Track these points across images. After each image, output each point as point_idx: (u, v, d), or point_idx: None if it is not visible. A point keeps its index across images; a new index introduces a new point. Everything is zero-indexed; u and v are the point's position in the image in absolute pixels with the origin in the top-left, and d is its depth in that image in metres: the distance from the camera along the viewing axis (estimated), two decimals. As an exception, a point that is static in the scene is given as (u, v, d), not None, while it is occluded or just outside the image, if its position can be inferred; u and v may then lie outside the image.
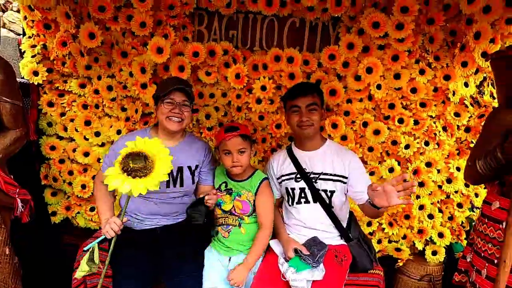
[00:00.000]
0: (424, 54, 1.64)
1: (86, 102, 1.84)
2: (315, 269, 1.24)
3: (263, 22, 1.77)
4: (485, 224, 1.13)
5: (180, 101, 1.32)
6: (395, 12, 1.48)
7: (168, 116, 1.31)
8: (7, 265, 1.14)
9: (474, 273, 1.15)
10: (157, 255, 1.35)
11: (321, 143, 1.41)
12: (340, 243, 1.40)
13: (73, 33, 1.71)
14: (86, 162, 1.86)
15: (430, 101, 1.68)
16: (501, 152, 0.99)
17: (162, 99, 1.32)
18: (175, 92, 1.31)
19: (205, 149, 1.47)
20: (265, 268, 1.34)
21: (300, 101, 1.31)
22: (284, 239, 1.39)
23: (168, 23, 1.70)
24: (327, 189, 1.37)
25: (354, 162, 1.36)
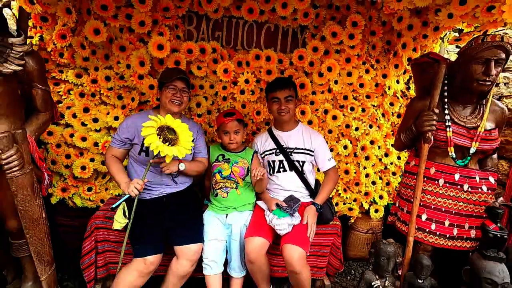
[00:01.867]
0: (368, 57, 2.15)
1: (83, 91, 2.01)
2: (293, 217, 1.66)
3: (244, 25, 2.12)
4: (406, 177, 1.66)
5: (181, 87, 1.63)
6: (348, 25, 1.95)
7: (171, 99, 1.62)
8: (44, 226, 1.34)
9: (400, 212, 1.67)
10: (166, 221, 1.64)
11: (295, 125, 1.83)
12: (310, 200, 1.85)
13: (71, 27, 1.88)
14: (84, 146, 2.04)
15: (373, 93, 2.21)
16: (414, 127, 1.50)
17: (167, 85, 1.61)
18: (178, 80, 1.62)
19: (197, 127, 1.81)
20: (254, 220, 1.72)
21: (280, 93, 1.71)
22: (268, 199, 1.79)
23: (164, 23, 1.96)
24: (300, 160, 1.80)
25: (318, 140, 1.81)
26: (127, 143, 1.65)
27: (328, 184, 1.81)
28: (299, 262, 1.52)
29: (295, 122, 1.87)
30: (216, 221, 1.72)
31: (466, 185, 1.46)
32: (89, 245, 1.74)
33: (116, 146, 1.65)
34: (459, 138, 1.44)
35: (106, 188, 2.16)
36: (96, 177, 2.15)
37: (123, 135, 1.63)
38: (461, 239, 1.48)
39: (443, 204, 1.49)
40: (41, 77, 1.33)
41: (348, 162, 2.31)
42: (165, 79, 1.63)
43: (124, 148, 1.67)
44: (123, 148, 1.66)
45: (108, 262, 1.79)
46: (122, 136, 1.64)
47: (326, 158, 1.80)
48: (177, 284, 1.59)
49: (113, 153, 1.66)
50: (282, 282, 1.99)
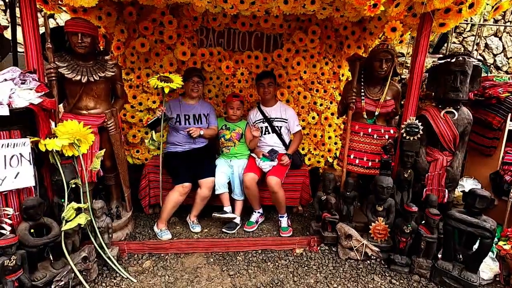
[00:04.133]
0: (327, 54, 3.05)
1: (131, 84, 2.97)
2: (273, 161, 2.63)
3: (239, 34, 3.03)
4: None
5: (197, 81, 2.62)
6: (309, 33, 2.86)
7: (191, 88, 2.61)
8: (126, 164, 2.34)
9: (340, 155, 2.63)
10: (193, 164, 2.63)
11: (275, 102, 2.79)
12: (284, 152, 2.81)
13: (123, 41, 2.82)
14: (133, 122, 3.01)
15: (332, 79, 3.13)
16: (344, 100, 2.43)
17: (188, 80, 2.59)
18: (195, 76, 2.59)
19: (210, 106, 2.81)
20: (249, 164, 2.70)
21: (264, 81, 2.66)
22: (257, 152, 2.77)
23: (184, 35, 2.88)
24: (278, 126, 2.76)
25: (290, 112, 2.77)
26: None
27: (296, 141, 2.77)
28: (276, 185, 2.50)
29: (276, 100, 2.82)
30: (223, 163, 2.71)
31: (375, 135, 2.40)
32: (145, 183, 2.75)
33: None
34: (369, 106, 2.37)
35: (148, 150, 3.15)
36: (141, 143, 3.14)
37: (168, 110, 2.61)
38: (373, 168, 2.44)
39: (363, 148, 2.44)
40: (120, 77, 2.28)
41: (316, 129, 3.25)
42: (187, 75, 2.59)
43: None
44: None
45: (157, 195, 2.80)
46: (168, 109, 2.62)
47: (295, 125, 2.76)
48: (201, 203, 2.59)
49: None
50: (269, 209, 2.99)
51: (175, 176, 2.56)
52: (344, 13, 2.18)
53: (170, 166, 2.62)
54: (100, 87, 2.13)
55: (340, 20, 2.65)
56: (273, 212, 2.93)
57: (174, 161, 2.61)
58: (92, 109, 2.14)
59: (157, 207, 2.87)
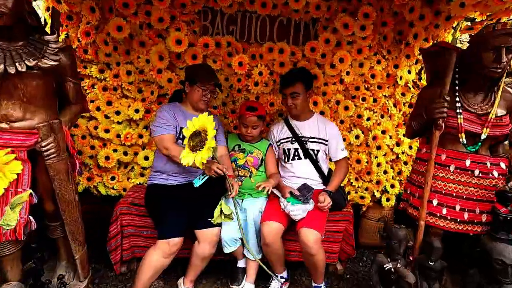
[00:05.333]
0: (380, 48, 2.18)
1: (106, 85, 2.13)
2: (307, 204, 1.73)
3: (257, 19, 2.19)
4: (417, 164, 1.70)
5: (211, 89, 1.77)
6: (360, 16, 1.99)
7: (201, 98, 1.75)
8: (77, 209, 1.46)
9: (411, 198, 1.72)
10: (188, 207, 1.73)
11: (310, 115, 1.90)
12: (322, 188, 1.91)
13: (95, 25, 1.99)
14: (107, 138, 2.16)
15: (384, 84, 2.24)
16: (425, 114, 1.54)
17: (199, 85, 1.73)
18: (209, 83, 1.74)
19: (217, 120, 1.92)
20: (270, 206, 1.81)
21: (286, 90, 1.80)
22: (282, 186, 1.87)
23: (181, 19, 2.04)
24: (314, 149, 1.87)
25: (333, 130, 1.87)
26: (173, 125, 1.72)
27: (340, 173, 1.87)
28: (315, 244, 1.60)
29: (310, 112, 1.93)
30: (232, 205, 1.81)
31: (477, 170, 1.50)
32: (115, 229, 1.87)
33: (167, 131, 1.69)
34: (470, 124, 1.47)
35: (128, 178, 2.28)
36: (118, 167, 2.28)
37: (169, 120, 1.72)
38: (472, 223, 1.53)
39: (454, 190, 1.53)
40: (73, 72, 1.44)
41: (359, 151, 2.36)
42: (198, 78, 1.73)
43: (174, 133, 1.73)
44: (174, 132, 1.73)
45: (133, 246, 1.91)
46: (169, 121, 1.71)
47: (339, 148, 1.86)
48: (200, 265, 1.70)
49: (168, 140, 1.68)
50: (296, 267, 2.08)
51: (160, 223, 1.68)
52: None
53: (154, 206, 1.75)
54: (32, 85, 1.29)
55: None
56: (301, 270, 2.02)
57: (160, 199, 1.73)
58: (17, 121, 1.29)
59: (133, 262, 1.99)
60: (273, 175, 1.87)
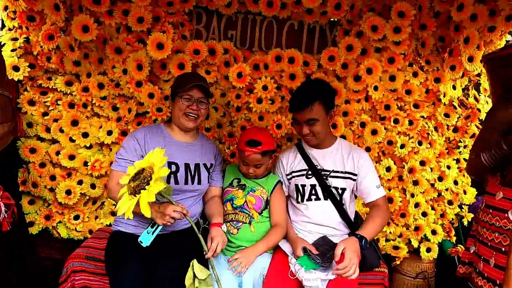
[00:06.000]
0: (416, 57, 1.73)
1: (73, 101, 1.71)
2: (325, 270, 1.21)
3: (262, 23, 1.78)
4: (490, 214, 1.19)
5: (197, 97, 1.31)
6: (393, 16, 1.56)
7: (185, 112, 1.30)
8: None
9: (482, 263, 1.19)
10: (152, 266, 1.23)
11: (331, 142, 1.41)
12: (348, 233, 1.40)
13: (61, 27, 1.61)
14: (72, 166, 1.71)
15: (423, 102, 1.77)
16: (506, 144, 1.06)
17: (181, 95, 1.29)
18: (194, 89, 1.29)
19: (216, 149, 1.49)
20: (275, 268, 1.29)
21: (298, 116, 1.30)
22: (293, 238, 1.36)
23: (167, 20, 1.65)
24: (338, 186, 1.37)
25: (364, 160, 1.37)
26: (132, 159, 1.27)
27: (378, 218, 1.33)
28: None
29: (332, 137, 1.45)
30: (223, 265, 1.29)
31: None
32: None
33: (119, 167, 1.27)
34: None
35: (96, 217, 1.81)
36: (85, 203, 1.81)
37: (130, 152, 1.28)
38: None
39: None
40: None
41: (391, 187, 1.84)
42: (179, 87, 1.30)
43: None
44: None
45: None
46: (129, 153, 1.28)
47: (373, 185, 1.36)
48: None
49: (114, 178, 1.26)
50: None
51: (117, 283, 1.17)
52: None
53: (113, 258, 1.25)
54: None
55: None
56: None
57: (122, 250, 1.24)
58: None
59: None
60: (277, 227, 1.36)
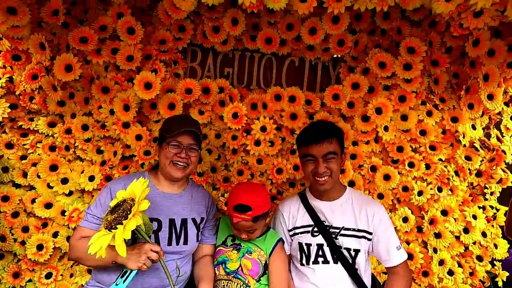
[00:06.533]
0: (429, 95, 1.58)
1: (55, 144, 1.57)
2: None
3: (260, 60, 1.68)
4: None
5: (187, 144, 1.16)
6: (402, 52, 1.44)
7: (173, 160, 1.15)
8: None
9: None
10: None
11: (341, 192, 1.22)
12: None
13: (46, 66, 1.51)
14: (47, 216, 1.53)
15: (440, 143, 1.59)
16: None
17: (168, 141, 1.15)
18: (183, 135, 1.15)
19: (209, 199, 1.30)
20: None
21: (315, 149, 1.13)
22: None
23: (158, 58, 1.55)
24: (351, 248, 1.15)
25: (379, 215, 1.17)
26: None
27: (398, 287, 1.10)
28: None
29: (342, 186, 1.26)
30: None
31: None
32: None
33: (87, 223, 1.12)
34: None
35: (71, 274, 1.58)
36: (60, 257, 1.60)
37: (101, 206, 1.12)
38: None
39: None
40: None
41: (410, 240, 1.61)
42: (167, 132, 1.16)
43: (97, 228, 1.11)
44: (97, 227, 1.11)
45: None
46: (98, 207, 1.12)
47: (393, 246, 1.14)
48: None
49: (78, 234, 1.12)
50: None
51: None
52: None
53: None
54: None
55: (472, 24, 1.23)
56: None
57: None
58: None
59: None
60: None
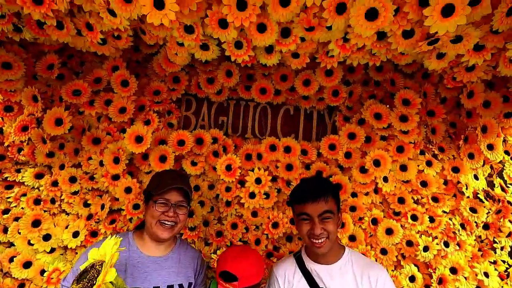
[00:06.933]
0: (428, 145, 1.55)
1: (40, 197, 1.50)
2: None
3: (255, 109, 1.67)
4: None
5: (175, 201, 1.09)
6: (398, 104, 1.43)
7: (160, 219, 1.07)
8: None
9: None
10: None
11: (339, 254, 1.13)
12: None
13: (38, 117, 1.49)
14: (25, 277, 1.41)
15: (443, 196, 1.52)
16: None
17: (155, 199, 1.08)
18: (172, 191, 1.09)
19: (198, 260, 1.20)
20: None
21: (311, 208, 1.06)
22: None
23: (152, 108, 1.54)
24: (352, 321, 1.04)
25: (383, 278, 1.07)
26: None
27: None
28: None
29: (340, 247, 1.17)
30: None
31: None
32: None
33: None
34: None
35: None
36: (36, 324, 1.45)
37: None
38: None
39: None
40: None
41: (418, 302, 1.48)
42: (154, 188, 1.10)
43: None
44: None
45: None
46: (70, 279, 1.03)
47: None
48: None
49: None
50: None
51: None
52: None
53: None
54: None
55: (466, 78, 1.24)
56: None
57: None
58: None
59: None
60: None
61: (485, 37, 1.03)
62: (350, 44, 1.06)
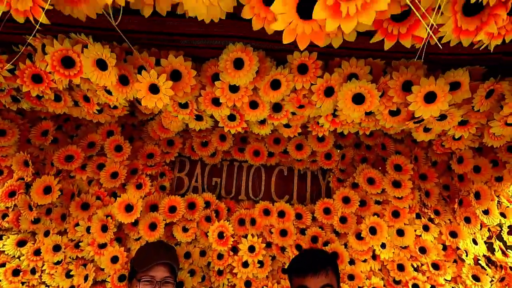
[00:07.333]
0: (423, 208, 1.53)
1: (20, 267, 1.41)
2: None
3: (249, 170, 1.66)
4: None
5: (161, 278, 1.05)
6: (390, 170, 1.44)
7: None
8: None
9: None
10: None
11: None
12: None
13: (28, 182, 1.46)
14: None
15: (443, 262, 1.47)
16: None
17: (139, 277, 1.03)
18: (156, 267, 1.05)
19: None
20: None
21: (311, 282, 1.01)
22: None
23: (144, 172, 1.52)
24: None
25: None
26: None
27: None
28: None
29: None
30: None
31: None
32: None
33: None
34: None
35: None
36: None
37: None
38: None
39: None
40: None
41: None
42: (138, 265, 1.06)
43: None
44: None
45: None
46: None
47: None
48: None
49: None
50: None
51: None
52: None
53: None
54: None
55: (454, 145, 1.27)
56: None
57: None
58: None
59: None
60: None
61: (468, 113, 1.07)
62: (340, 119, 1.10)
